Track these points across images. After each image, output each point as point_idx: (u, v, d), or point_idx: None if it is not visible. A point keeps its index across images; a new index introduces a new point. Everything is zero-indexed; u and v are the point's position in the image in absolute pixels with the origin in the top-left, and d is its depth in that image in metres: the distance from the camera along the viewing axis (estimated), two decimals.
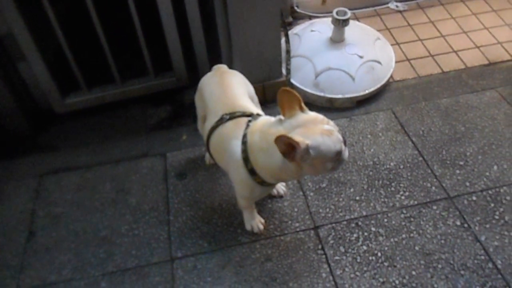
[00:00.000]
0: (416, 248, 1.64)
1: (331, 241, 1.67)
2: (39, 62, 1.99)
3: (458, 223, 1.71)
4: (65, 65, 2.07)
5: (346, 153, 1.40)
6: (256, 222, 1.71)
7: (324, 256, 1.63)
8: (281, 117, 1.38)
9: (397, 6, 2.83)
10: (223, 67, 1.74)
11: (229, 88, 1.61)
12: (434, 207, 1.76)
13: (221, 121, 1.52)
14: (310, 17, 2.72)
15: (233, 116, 1.52)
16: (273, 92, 2.19)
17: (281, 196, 1.83)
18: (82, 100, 2.16)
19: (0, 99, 2.02)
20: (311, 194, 1.83)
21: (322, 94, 2.18)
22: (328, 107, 2.19)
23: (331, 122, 1.37)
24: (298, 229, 1.72)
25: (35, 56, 1.97)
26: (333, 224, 1.72)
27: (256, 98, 1.74)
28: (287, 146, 1.27)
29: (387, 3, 2.84)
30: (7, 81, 2.01)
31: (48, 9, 1.88)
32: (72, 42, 2.03)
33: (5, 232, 1.78)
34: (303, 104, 1.37)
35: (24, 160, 2.06)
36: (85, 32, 2.08)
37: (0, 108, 2.04)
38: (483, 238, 1.66)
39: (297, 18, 2.72)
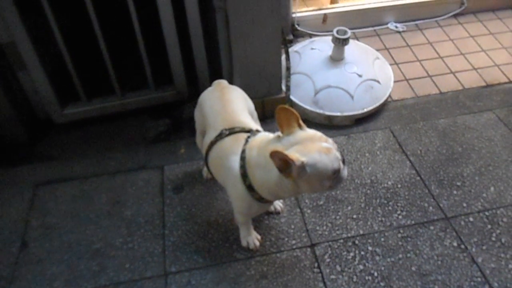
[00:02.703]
0: (413, 268, 1.63)
1: (328, 260, 1.66)
2: (39, 72, 2.00)
3: (455, 244, 1.71)
4: (65, 75, 2.08)
5: (344, 172, 1.39)
6: (252, 238, 1.70)
7: (320, 274, 1.62)
8: (280, 134, 1.39)
9: (396, 27, 2.87)
10: (223, 82, 1.75)
11: (229, 104, 1.62)
12: (431, 227, 1.76)
13: (221, 136, 1.52)
14: (311, 35, 2.76)
15: (232, 131, 1.52)
16: (273, 108, 2.17)
17: (278, 213, 1.82)
18: (81, 111, 2.16)
19: None
20: (308, 211, 1.82)
21: (321, 111, 2.19)
22: (326, 124, 2.20)
23: (330, 140, 1.37)
24: (294, 247, 1.70)
25: (36, 66, 1.98)
26: (330, 242, 1.71)
27: (255, 114, 1.75)
28: (283, 162, 1.27)
29: (387, 23, 2.89)
30: (7, 89, 2.01)
31: (51, 19, 1.89)
32: (73, 52, 2.03)
33: None
34: (301, 122, 1.37)
35: (20, 169, 2.04)
36: (86, 42, 2.10)
37: None
38: (480, 260, 1.66)
39: (298, 36, 2.76)
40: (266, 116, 2.17)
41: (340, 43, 2.18)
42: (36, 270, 1.67)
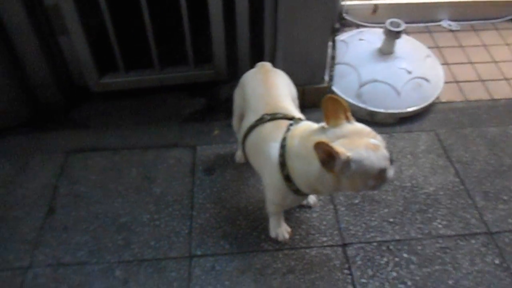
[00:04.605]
0: (450, 282, 1.53)
1: (359, 262, 1.58)
2: (81, 38, 1.96)
3: (497, 261, 1.60)
4: (106, 44, 2.04)
5: (391, 172, 1.30)
6: (282, 230, 1.64)
7: (350, 276, 1.54)
8: (324, 125, 1.30)
9: (449, 25, 2.71)
10: (267, 65, 1.67)
11: (273, 88, 1.54)
12: (473, 241, 1.65)
13: (261, 120, 1.45)
14: (358, 26, 2.63)
15: (274, 117, 1.44)
16: (313, 97, 2.11)
17: (310, 207, 1.75)
18: (119, 82, 2.12)
19: (38, 70, 2.00)
20: (342, 209, 1.74)
21: (363, 105, 2.08)
22: (367, 120, 2.09)
23: (379, 137, 1.28)
24: (325, 244, 1.63)
25: (78, 31, 1.94)
26: (363, 244, 1.63)
27: (297, 102, 1.67)
28: (326, 155, 1.18)
29: (440, 20, 2.73)
30: (47, 53, 1.98)
31: None
32: (116, 20, 1.99)
33: (25, 205, 1.75)
34: (349, 114, 1.28)
35: (53, 134, 2.03)
36: (130, 12, 2.05)
37: (36, 79, 2.03)
38: None
39: (345, 25, 2.64)
40: (305, 105, 2.07)
41: (392, 36, 2.06)
42: (61, 238, 1.65)
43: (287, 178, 1.36)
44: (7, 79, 1.94)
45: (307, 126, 1.38)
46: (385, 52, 2.15)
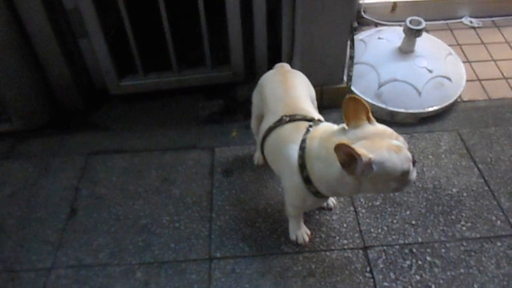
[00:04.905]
0: (475, 286, 1.50)
1: (381, 265, 1.55)
2: (100, 40, 1.98)
3: None
4: (125, 47, 2.06)
5: (413, 174, 1.27)
6: (301, 232, 1.62)
7: (372, 280, 1.52)
8: (345, 126, 1.28)
9: (471, 22, 2.65)
10: (286, 66, 1.67)
11: (292, 89, 1.53)
12: (498, 244, 1.61)
13: (280, 122, 1.44)
14: (376, 24, 2.60)
15: (293, 118, 1.43)
16: (331, 98, 2.09)
17: (330, 209, 1.73)
18: (137, 84, 2.14)
19: (59, 73, 2.03)
20: (363, 211, 1.72)
21: (383, 106, 2.05)
22: (388, 120, 2.06)
23: (401, 138, 1.25)
24: (345, 247, 1.61)
25: (97, 34, 1.96)
26: (385, 247, 1.60)
27: (315, 103, 1.65)
28: (348, 157, 1.17)
29: (461, 17, 2.67)
30: (67, 56, 2.01)
31: None
32: (135, 24, 2.00)
33: (48, 207, 1.78)
34: (370, 115, 1.26)
35: (74, 136, 2.06)
36: (148, 15, 2.06)
37: (57, 82, 2.05)
38: None
39: (363, 24, 2.60)
40: (323, 106, 2.05)
41: (413, 34, 2.02)
42: (83, 239, 1.67)
43: (307, 180, 1.35)
44: (29, 82, 1.98)
45: (327, 127, 1.37)
46: (405, 50, 2.11)
